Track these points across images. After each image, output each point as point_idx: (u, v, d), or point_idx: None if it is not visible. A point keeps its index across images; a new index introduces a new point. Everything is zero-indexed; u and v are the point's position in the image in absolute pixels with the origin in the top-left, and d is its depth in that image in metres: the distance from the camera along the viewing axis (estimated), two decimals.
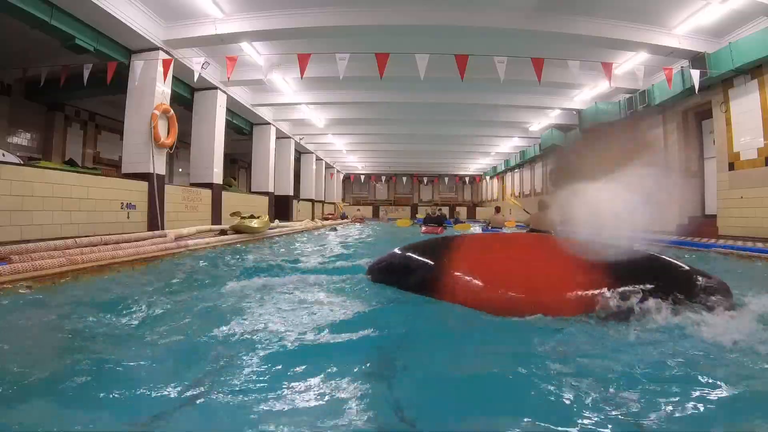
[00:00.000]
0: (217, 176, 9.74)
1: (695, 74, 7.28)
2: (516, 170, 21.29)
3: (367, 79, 9.07)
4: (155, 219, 7.31)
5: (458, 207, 28.08)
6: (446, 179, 28.67)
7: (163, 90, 7.56)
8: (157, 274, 4.03)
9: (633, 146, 2.45)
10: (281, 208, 14.35)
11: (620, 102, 10.47)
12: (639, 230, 2.25)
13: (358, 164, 26.26)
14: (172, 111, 7.72)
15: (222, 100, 9.85)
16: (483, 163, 24.90)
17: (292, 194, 15.73)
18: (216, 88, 9.57)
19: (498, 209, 11.88)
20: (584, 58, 7.79)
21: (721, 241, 6.76)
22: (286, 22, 6.98)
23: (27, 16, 5.60)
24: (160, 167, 7.54)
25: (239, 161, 20.29)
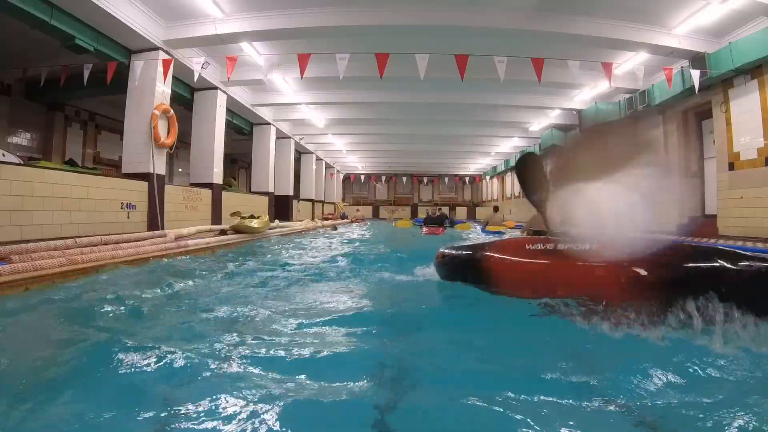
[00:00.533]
0: (217, 176, 9.75)
1: (695, 74, 7.27)
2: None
3: (367, 79, 9.06)
4: (155, 219, 7.31)
5: (458, 207, 28.07)
6: (446, 179, 28.66)
7: (163, 90, 7.56)
8: (157, 274, 4.03)
9: (633, 146, 2.44)
10: (281, 208, 14.34)
11: (620, 102, 10.45)
12: (638, 230, 2.24)
13: (358, 164, 26.24)
14: (172, 111, 7.72)
15: (222, 100, 9.85)
16: (483, 163, 24.86)
17: (292, 194, 15.73)
18: (216, 88, 9.57)
19: (496, 209, 11.88)
20: (584, 58, 7.79)
21: (721, 241, 6.74)
22: (286, 22, 6.97)
23: (27, 16, 5.60)
24: (160, 167, 7.54)
25: (239, 161, 20.27)
